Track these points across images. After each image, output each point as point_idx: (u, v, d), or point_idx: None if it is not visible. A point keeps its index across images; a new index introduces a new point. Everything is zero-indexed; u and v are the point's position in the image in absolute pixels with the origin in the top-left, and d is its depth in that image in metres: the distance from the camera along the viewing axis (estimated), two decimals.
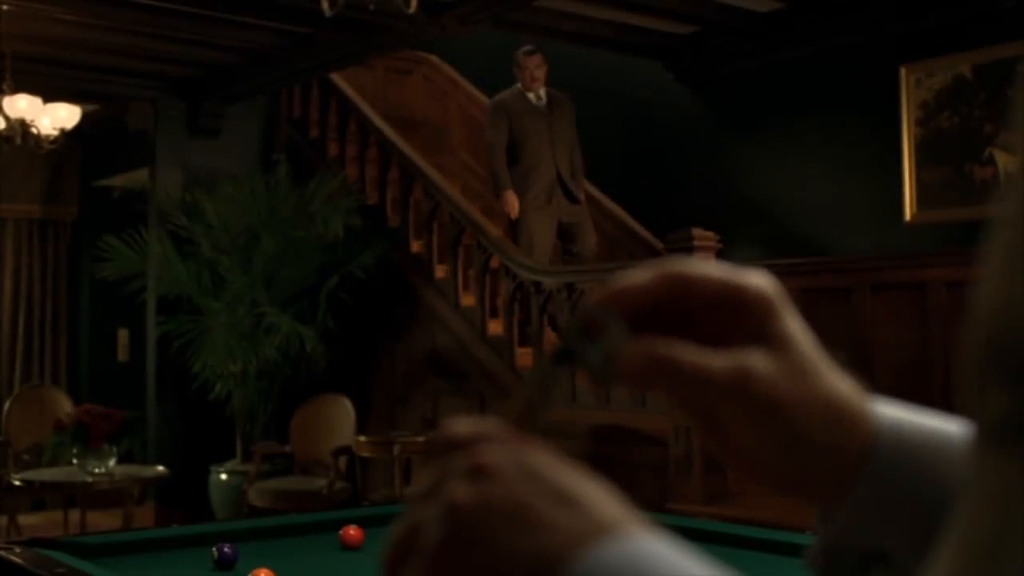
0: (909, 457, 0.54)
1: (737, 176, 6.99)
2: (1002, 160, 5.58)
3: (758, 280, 0.54)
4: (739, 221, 6.67)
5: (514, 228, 6.57)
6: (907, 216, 6.07)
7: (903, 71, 6.11)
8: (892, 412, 0.55)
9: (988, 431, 0.38)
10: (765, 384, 0.52)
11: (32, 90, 6.34)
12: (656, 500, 4.75)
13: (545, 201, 6.53)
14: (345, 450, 6.44)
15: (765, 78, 6.85)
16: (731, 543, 2.76)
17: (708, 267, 0.54)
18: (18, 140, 6.33)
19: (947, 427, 0.55)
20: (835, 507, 0.55)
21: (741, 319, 0.53)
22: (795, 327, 0.54)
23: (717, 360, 0.52)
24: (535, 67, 6.68)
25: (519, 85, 6.74)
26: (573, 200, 6.60)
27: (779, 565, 2.63)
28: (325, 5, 4.62)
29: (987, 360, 0.38)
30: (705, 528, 2.97)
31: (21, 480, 6.33)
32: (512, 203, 6.50)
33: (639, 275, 0.53)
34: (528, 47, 6.75)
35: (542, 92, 6.75)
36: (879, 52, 6.22)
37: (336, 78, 7.87)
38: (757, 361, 0.52)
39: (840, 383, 0.54)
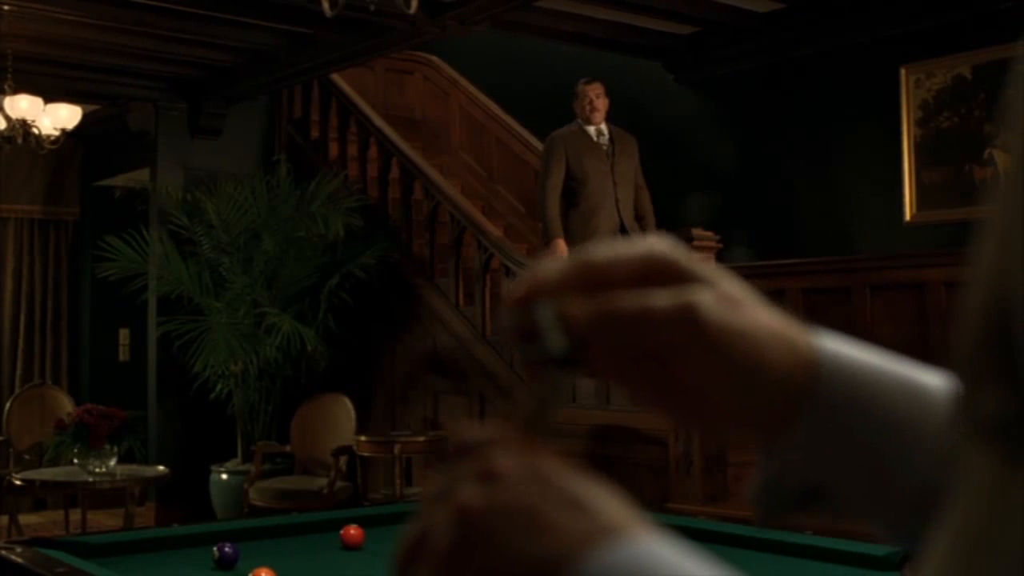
0: (849, 386, 0.53)
1: (737, 176, 6.99)
2: (1001, 160, 5.59)
3: (660, 244, 0.53)
4: (739, 221, 6.68)
5: None
6: (907, 216, 6.07)
7: (903, 71, 6.12)
8: (834, 343, 0.55)
9: (979, 427, 0.39)
10: (709, 311, 0.51)
11: (33, 90, 6.35)
12: (656, 500, 4.75)
13: None
14: (345, 450, 6.45)
15: (765, 78, 6.85)
16: (731, 543, 2.77)
17: (610, 249, 0.53)
18: (19, 140, 6.34)
19: (888, 364, 0.55)
20: (780, 441, 0.54)
21: (659, 277, 0.52)
22: (713, 269, 0.54)
23: (659, 299, 0.51)
24: (596, 96, 6.19)
25: (578, 120, 6.23)
26: None
27: (779, 565, 2.64)
28: (326, 5, 4.62)
29: (977, 358, 0.39)
30: (705, 528, 2.97)
31: (22, 480, 6.34)
32: (562, 253, 6.03)
33: (549, 268, 0.52)
34: (587, 77, 6.32)
35: (604, 127, 6.23)
36: (879, 52, 6.22)
37: (337, 78, 7.87)
38: (698, 294, 0.52)
39: (776, 313, 0.54)
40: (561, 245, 5.97)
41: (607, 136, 6.22)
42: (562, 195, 6.09)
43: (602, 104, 6.22)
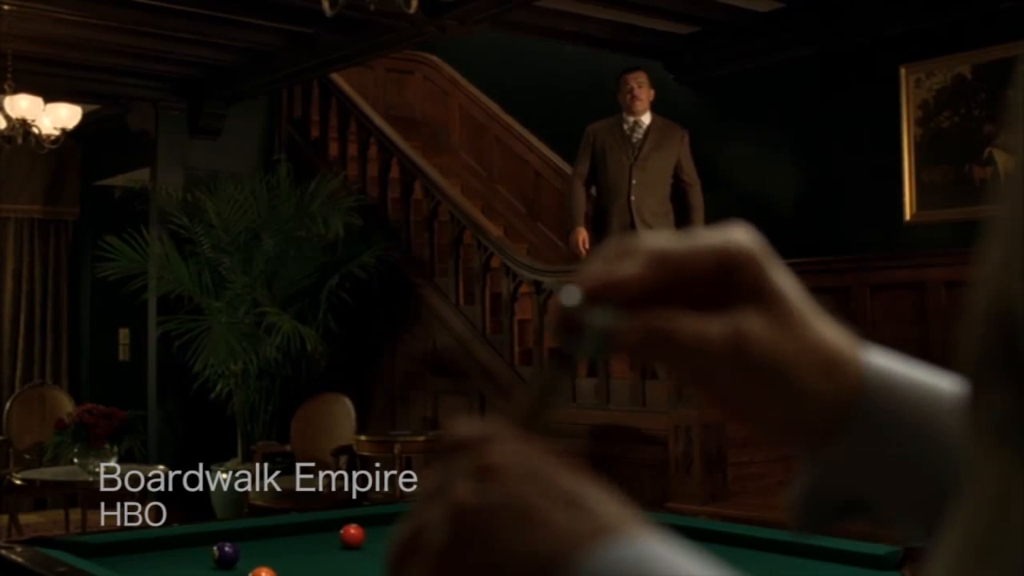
0: (894, 405, 0.54)
1: (737, 176, 6.99)
2: (1002, 160, 5.59)
3: (741, 237, 0.54)
4: (738, 221, 6.66)
5: None
6: (907, 216, 6.07)
7: (903, 71, 6.11)
8: (882, 361, 0.55)
9: (986, 430, 0.39)
10: (760, 345, 0.53)
11: (33, 90, 6.34)
12: (656, 500, 4.75)
13: None
14: (346, 449, 6.45)
15: (765, 78, 6.85)
16: (731, 543, 2.77)
17: (690, 241, 0.53)
18: (19, 140, 6.34)
19: (935, 380, 0.55)
20: (821, 452, 0.55)
21: (731, 278, 0.53)
22: (784, 279, 0.54)
23: (713, 327, 0.52)
24: (637, 85, 6.07)
25: (622, 112, 6.12)
26: None
27: (779, 565, 2.64)
28: (326, 5, 4.62)
29: (984, 359, 0.39)
30: (705, 528, 2.97)
31: (22, 479, 6.33)
32: (576, 241, 5.94)
33: (627, 267, 0.51)
34: (631, 65, 6.26)
35: (645, 119, 6.09)
36: (879, 52, 6.22)
37: (337, 78, 7.87)
38: (751, 323, 0.53)
39: (831, 331, 0.55)
40: (581, 232, 5.98)
41: (644, 129, 6.08)
42: (589, 186, 6.14)
43: (644, 94, 6.10)
